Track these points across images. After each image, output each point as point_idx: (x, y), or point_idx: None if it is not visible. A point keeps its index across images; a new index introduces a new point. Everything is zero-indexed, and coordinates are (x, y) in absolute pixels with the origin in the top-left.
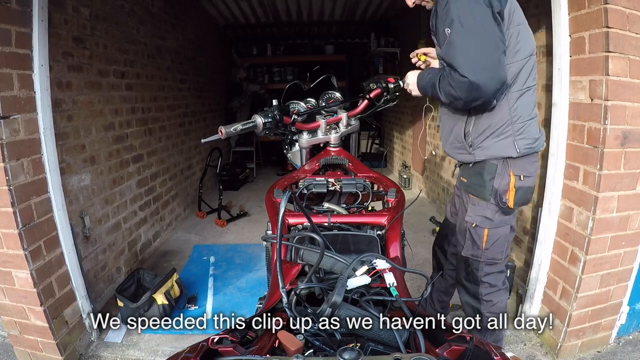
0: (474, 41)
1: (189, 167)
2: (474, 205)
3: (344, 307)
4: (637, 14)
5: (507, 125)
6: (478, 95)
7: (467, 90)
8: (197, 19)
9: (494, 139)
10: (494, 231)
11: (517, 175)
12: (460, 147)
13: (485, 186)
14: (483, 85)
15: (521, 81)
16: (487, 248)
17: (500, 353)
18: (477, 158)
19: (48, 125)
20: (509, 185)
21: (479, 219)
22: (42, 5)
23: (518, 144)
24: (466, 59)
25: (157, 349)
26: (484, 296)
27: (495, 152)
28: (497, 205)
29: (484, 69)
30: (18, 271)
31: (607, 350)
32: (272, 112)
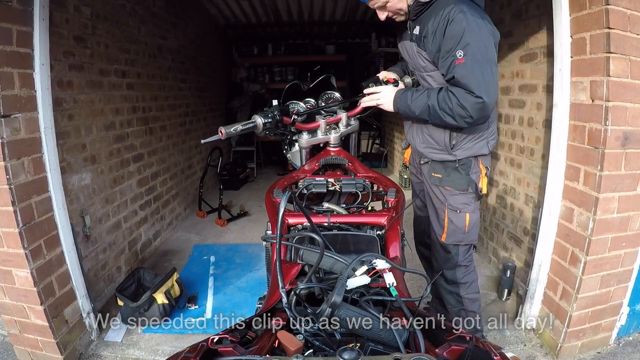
0: (488, 66)
1: (190, 167)
2: (453, 195)
3: (344, 307)
4: (638, 15)
5: (485, 129)
6: (486, 113)
7: (479, 110)
8: (197, 19)
9: (473, 142)
10: (473, 215)
11: (486, 166)
12: (439, 149)
13: (464, 179)
14: (489, 106)
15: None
16: (469, 231)
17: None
18: (457, 157)
19: (49, 124)
20: (480, 175)
21: (461, 206)
22: (43, 4)
23: (490, 144)
24: (484, 83)
25: (157, 349)
26: (461, 279)
27: (473, 152)
28: (474, 193)
29: (494, 92)
30: (18, 270)
31: (607, 351)
32: (272, 112)
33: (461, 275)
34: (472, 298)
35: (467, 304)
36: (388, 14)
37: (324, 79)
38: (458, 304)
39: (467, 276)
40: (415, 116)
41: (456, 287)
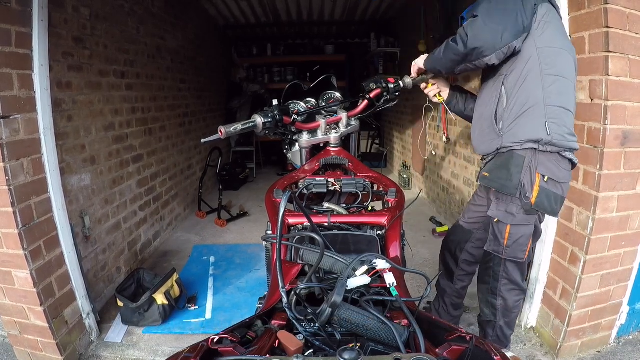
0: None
1: (189, 167)
2: (497, 199)
3: (344, 307)
4: (637, 14)
5: (540, 106)
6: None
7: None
8: (197, 19)
9: (526, 118)
10: (516, 229)
11: (542, 175)
12: (489, 133)
13: (511, 179)
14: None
15: (557, 69)
16: (509, 245)
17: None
18: (505, 143)
19: (48, 125)
20: (533, 182)
21: (501, 214)
22: (42, 5)
23: (550, 127)
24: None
25: (157, 349)
26: (502, 292)
27: (525, 134)
28: (521, 200)
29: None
30: (18, 271)
31: (607, 350)
32: (272, 112)
33: (503, 289)
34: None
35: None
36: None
37: (324, 79)
38: (492, 316)
39: (509, 292)
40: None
41: (493, 298)
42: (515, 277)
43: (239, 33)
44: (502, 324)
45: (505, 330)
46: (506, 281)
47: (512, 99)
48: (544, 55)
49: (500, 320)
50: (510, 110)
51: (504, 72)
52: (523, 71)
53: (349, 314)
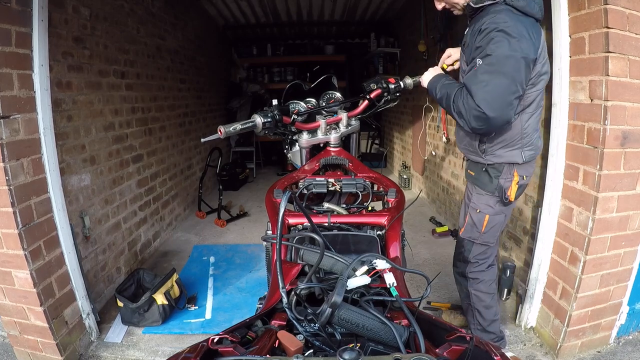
0: (499, 81)
1: (189, 167)
2: (479, 194)
3: (344, 307)
4: (637, 15)
5: (518, 139)
6: (488, 126)
7: (477, 118)
8: (197, 19)
9: (505, 149)
10: (493, 217)
11: (521, 175)
12: (473, 152)
13: (492, 183)
14: (492, 120)
15: (535, 105)
16: (485, 232)
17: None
18: (488, 162)
19: (48, 125)
20: (511, 183)
21: (482, 206)
22: (42, 5)
23: (525, 154)
24: (485, 94)
25: (157, 349)
26: (469, 274)
27: (505, 159)
28: (500, 198)
29: (497, 108)
30: (18, 271)
31: (607, 351)
32: (272, 111)
33: (470, 270)
34: (481, 297)
35: (474, 300)
36: (445, 5)
37: (325, 79)
38: (466, 298)
39: (476, 273)
40: (436, 97)
41: (465, 281)
42: (481, 260)
43: (239, 33)
44: (481, 308)
45: (486, 315)
46: (475, 264)
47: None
48: (527, 101)
49: (478, 304)
50: (492, 141)
51: None
52: None
53: (349, 314)
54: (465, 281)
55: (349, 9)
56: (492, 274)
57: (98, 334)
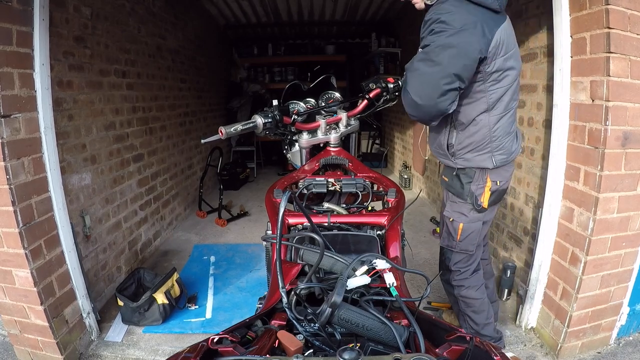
0: (430, 70)
1: (190, 167)
2: (452, 202)
3: (344, 307)
4: (638, 15)
5: (487, 143)
6: (422, 114)
7: (413, 106)
8: (197, 19)
9: (474, 153)
10: (468, 225)
11: (494, 180)
12: (443, 155)
13: (463, 188)
14: (422, 108)
15: (503, 105)
16: (461, 240)
17: (500, 353)
18: (458, 166)
19: (49, 125)
20: (484, 189)
21: (455, 215)
22: (43, 4)
23: (495, 158)
24: (415, 82)
25: (157, 349)
26: (453, 281)
27: (474, 163)
28: (473, 205)
29: (426, 97)
30: (18, 270)
31: (607, 351)
32: (272, 112)
33: (453, 277)
34: (469, 303)
35: (462, 306)
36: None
37: (324, 79)
38: (455, 304)
39: (460, 280)
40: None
41: (451, 288)
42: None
43: (240, 33)
44: (470, 313)
45: (477, 319)
46: (457, 272)
47: (460, 134)
48: (493, 98)
49: (466, 309)
50: (459, 143)
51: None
52: (471, 112)
53: (348, 314)
54: (451, 288)
55: (350, 9)
56: (478, 279)
57: (98, 333)
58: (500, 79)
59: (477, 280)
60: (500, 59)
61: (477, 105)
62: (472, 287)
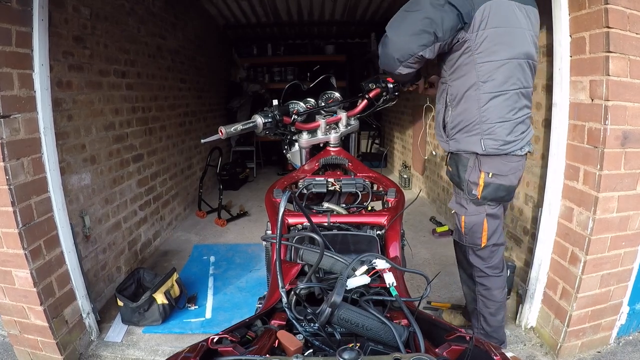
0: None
1: (189, 167)
2: (455, 193)
3: (344, 307)
4: (637, 14)
5: (476, 124)
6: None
7: (382, 43)
8: (197, 19)
9: (463, 133)
10: (469, 218)
11: (487, 172)
12: (439, 135)
13: (459, 176)
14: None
15: (495, 83)
16: (466, 234)
17: (500, 353)
18: (451, 149)
19: (48, 125)
20: (478, 180)
21: (456, 207)
22: (42, 4)
23: (484, 143)
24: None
25: (157, 349)
26: (476, 278)
27: (464, 146)
28: (468, 194)
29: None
30: (18, 270)
31: (607, 351)
32: (272, 112)
33: (477, 274)
34: (487, 303)
35: (480, 306)
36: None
37: (323, 79)
38: (473, 302)
39: (483, 279)
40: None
41: (472, 283)
42: (483, 266)
43: (240, 33)
44: (487, 314)
45: (491, 322)
46: (477, 269)
47: (453, 112)
48: (482, 71)
49: (484, 310)
50: (451, 122)
51: (446, 78)
52: (461, 87)
53: (348, 314)
54: (472, 284)
55: (350, 8)
56: (502, 281)
57: (98, 333)
58: (490, 52)
59: (501, 282)
60: (490, 30)
61: (467, 79)
62: (495, 288)
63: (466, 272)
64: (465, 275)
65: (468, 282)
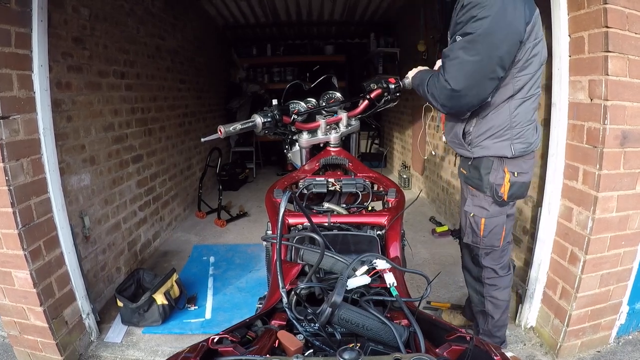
0: (473, 59)
1: (189, 167)
2: (473, 196)
3: (344, 307)
4: (636, 14)
5: (507, 129)
6: (458, 104)
7: (448, 97)
8: (196, 19)
9: (492, 140)
10: (490, 220)
11: (512, 172)
12: (459, 144)
13: (482, 180)
14: (463, 96)
15: (525, 90)
16: (485, 236)
17: (500, 353)
18: (475, 155)
19: (48, 126)
20: (503, 180)
21: (477, 210)
22: (41, 5)
23: (514, 147)
24: (457, 72)
25: (157, 349)
26: (486, 279)
27: (492, 152)
28: (493, 197)
29: (466, 83)
30: (18, 271)
31: (607, 350)
32: (272, 111)
33: (487, 276)
34: (495, 303)
35: (489, 307)
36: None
37: (325, 79)
38: (480, 304)
39: (494, 279)
40: (416, 87)
41: (480, 286)
42: (495, 266)
43: (239, 33)
44: (494, 314)
45: (498, 322)
46: (489, 269)
47: (480, 121)
48: (518, 85)
49: (492, 310)
50: (478, 130)
51: None
52: (497, 100)
53: (349, 314)
54: (480, 286)
55: (349, 9)
56: (510, 280)
57: (98, 333)
58: (527, 65)
59: (510, 280)
60: (529, 43)
61: (504, 92)
62: (503, 287)
63: (473, 275)
64: (471, 279)
65: (475, 284)
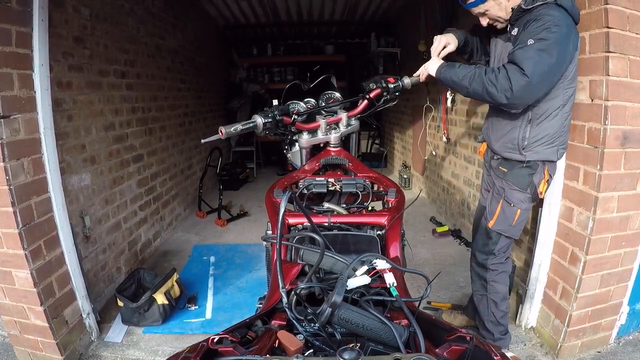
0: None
1: (189, 167)
2: (512, 189)
3: (344, 307)
4: (637, 14)
5: (557, 137)
6: (527, 96)
7: (522, 88)
8: (196, 19)
9: (544, 146)
10: (523, 212)
11: (550, 173)
12: (512, 149)
13: (526, 180)
14: (534, 90)
15: (572, 101)
16: (515, 225)
17: (500, 353)
18: (528, 159)
19: (48, 125)
20: (542, 181)
21: (516, 201)
22: (42, 5)
23: (559, 152)
24: (537, 66)
25: (157, 349)
26: (490, 265)
27: (542, 156)
28: (531, 194)
29: (542, 80)
30: (18, 271)
31: (607, 351)
32: (272, 112)
33: (491, 262)
34: (497, 288)
35: (491, 291)
36: (488, 20)
37: (324, 79)
38: (482, 289)
39: (497, 265)
40: (458, 81)
41: (484, 272)
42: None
43: (239, 33)
44: (496, 299)
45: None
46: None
47: (536, 129)
48: (567, 95)
49: (494, 295)
50: (533, 137)
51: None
52: (549, 108)
53: (349, 314)
54: (485, 272)
55: (349, 8)
56: (509, 266)
57: (98, 333)
58: (573, 78)
59: (509, 267)
60: (575, 61)
61: (555, 101)
62: (505, 272)
63: (479, 261)
64: (477, 265)
65: (480, 270)
